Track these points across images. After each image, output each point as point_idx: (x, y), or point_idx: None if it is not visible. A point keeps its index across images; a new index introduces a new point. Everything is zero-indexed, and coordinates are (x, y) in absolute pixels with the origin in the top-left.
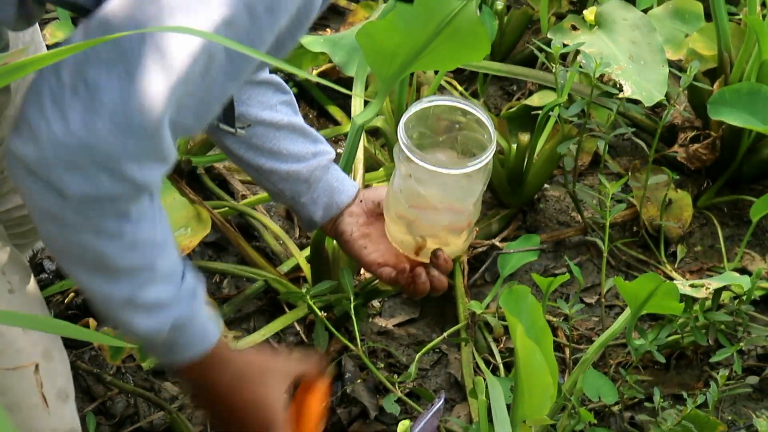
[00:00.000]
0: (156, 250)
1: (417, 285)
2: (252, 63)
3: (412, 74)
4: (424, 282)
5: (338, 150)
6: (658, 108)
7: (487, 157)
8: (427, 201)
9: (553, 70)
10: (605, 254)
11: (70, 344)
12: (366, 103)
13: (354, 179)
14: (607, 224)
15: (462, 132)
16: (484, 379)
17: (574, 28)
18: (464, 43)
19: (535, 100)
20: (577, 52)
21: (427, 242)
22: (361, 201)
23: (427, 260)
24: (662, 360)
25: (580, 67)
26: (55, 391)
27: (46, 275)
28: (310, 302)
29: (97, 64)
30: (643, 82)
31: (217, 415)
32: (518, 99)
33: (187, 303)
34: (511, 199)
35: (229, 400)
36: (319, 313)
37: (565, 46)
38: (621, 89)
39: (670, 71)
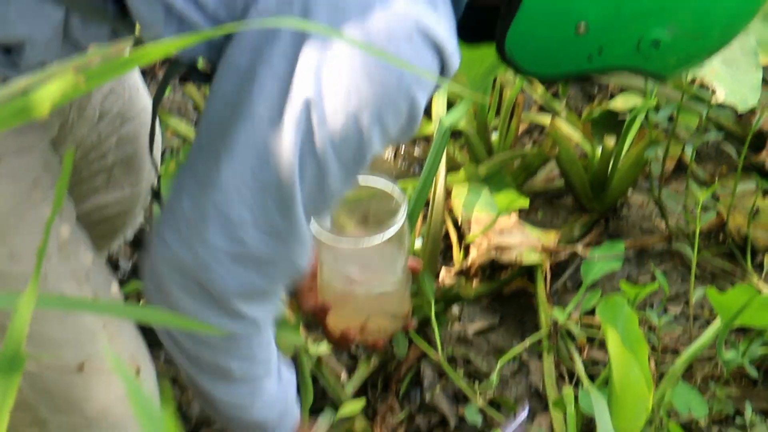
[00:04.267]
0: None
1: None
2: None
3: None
4: None
5: (416, 151)
6: (744, 113)
7: (398, 225)
8: (354, 279)
9: None
10: (694, 264)
11: None
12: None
13: (436, 181)
14: (698, 232)
15: (372, 204)
16: (575, 390)
17: None
18: None
19: (618, 103)
20: None
21: (368, 321)
22: None
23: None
24: (755, 374)
25: None
26: None
27: (121, 275)
28: None
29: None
30: (737, 87)
31: None
32: (599, 101)
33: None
34: (593, 204)
35: None
36: None
37: None
38: (713, 93)
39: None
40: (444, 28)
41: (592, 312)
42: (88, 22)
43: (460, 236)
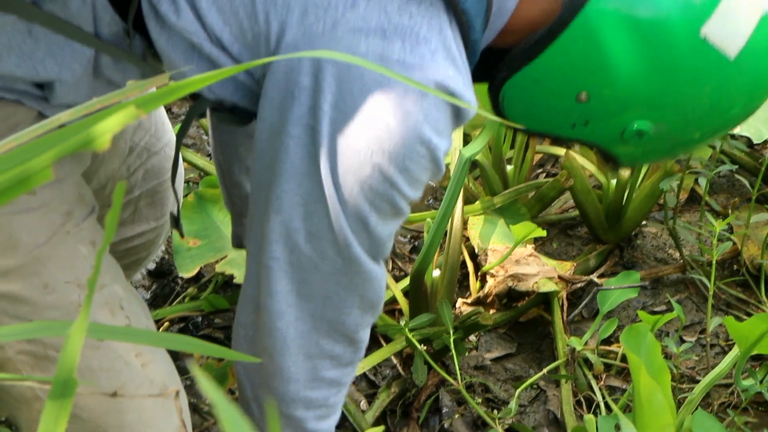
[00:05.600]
0: None
1: None
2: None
3: None
4: None
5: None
6: (757, 145)
7: None
8: None
9: None
10: (711, 293)
11: None
12: (464, 135)
13: (454, 213)
14: (714, 262)
15: None
16: (595, 417)
17: None
18: None
19: None
20: None
21: None
22: None
23: None
24: None
25: None
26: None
27: None
28: (409, 335)
29: None
30: (751, 119)
31: None
32: None
33: None
34: (608, 234)
35: None
36: (419, 347)
37: None
38: None
39: None
40: (461, 82)
41: (608, 340)
42: (119, 59)
43: (477, 266)
